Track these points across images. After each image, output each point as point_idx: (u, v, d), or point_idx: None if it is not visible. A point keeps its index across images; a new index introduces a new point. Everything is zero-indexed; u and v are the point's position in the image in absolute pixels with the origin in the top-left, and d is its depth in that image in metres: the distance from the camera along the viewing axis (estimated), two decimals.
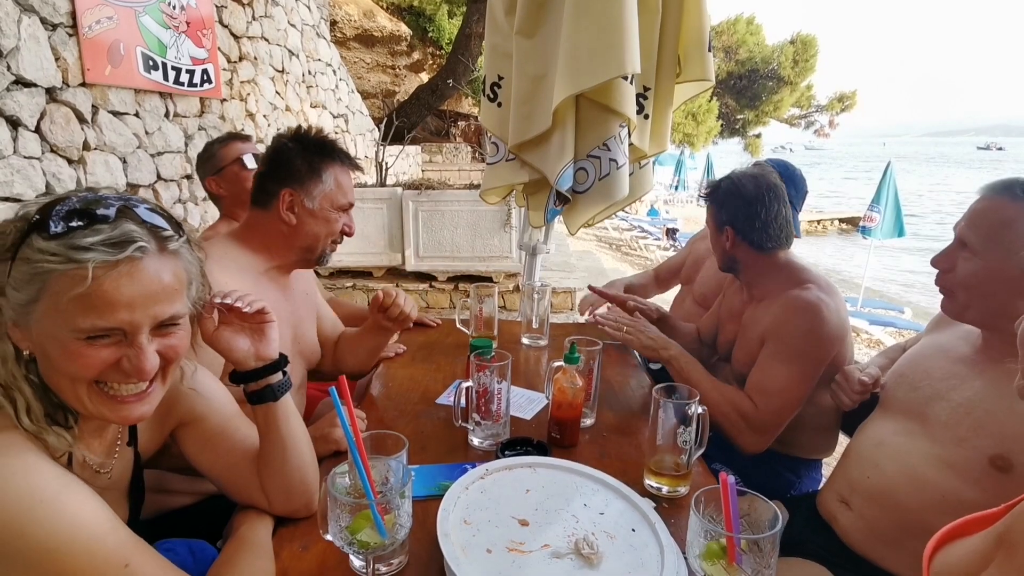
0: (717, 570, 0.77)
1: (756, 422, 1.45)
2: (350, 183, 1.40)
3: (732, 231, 1.58)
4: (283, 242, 1.35)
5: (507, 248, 4.86)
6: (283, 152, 1.33)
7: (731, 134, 22.05)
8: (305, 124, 5.24)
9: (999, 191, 1.11)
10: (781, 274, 1.57)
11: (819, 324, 1.42)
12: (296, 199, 1.31)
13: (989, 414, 1.08)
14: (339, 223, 1.38)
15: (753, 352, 1.55)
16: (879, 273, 11.37)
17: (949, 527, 0.85)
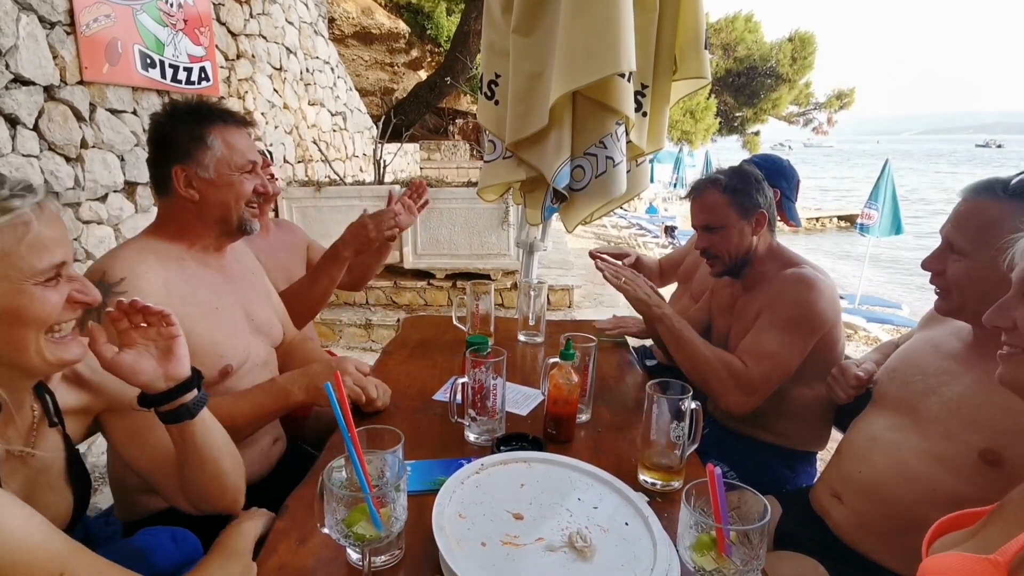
0: (707, 561, 0.78)
1: (744, 381, 1.48)
2: (246, 141, 1.32)
3: (764, 214, 1.58)
4: (195, 221, 1.28)
5: (505, 246, 4.87)
6: (160, 130, 1.26)
7: (729, 132, 22.07)
8: (303, 122, 5.20)
9: (981, 192, 1.12)
10: (776, 260, 1.61)
11: (814, 295, 1.47)
12: (190, 172, 1.24)
13: (980, 409, 1.09)
14: (247, 184, 1.30)
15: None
16: (876, 271, 11.39)
17: (947, 518, 0.88)
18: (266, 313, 1.47)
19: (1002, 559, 0.68)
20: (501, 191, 2.42)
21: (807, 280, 1.48)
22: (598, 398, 1.50)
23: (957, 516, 0.88)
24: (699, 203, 1.63)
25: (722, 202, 1.59)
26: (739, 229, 1.59)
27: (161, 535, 1.09)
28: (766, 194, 1.59)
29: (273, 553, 0.95)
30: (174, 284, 1.21)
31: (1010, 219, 1.06)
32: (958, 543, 0.84)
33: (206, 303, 1.26)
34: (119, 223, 3.06)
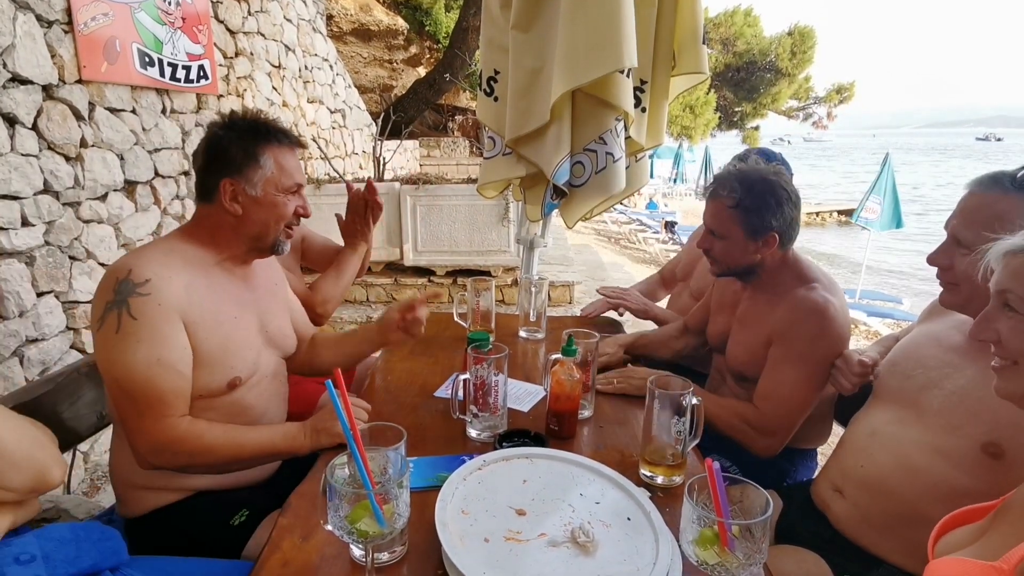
0: (710, 555, 0.78)
1: (762, 427, 1.45)
2: (295, 163, 1.35)
3: (776, 236, 1.46)
4: (231, 233, 1.30)
5: (505, 242, 4.87)
6: (216, 142, 1.28)
7: (729, 127, 22.03)
8: (302, 120, 5.20)
9: (988, 186, 1.11)
10: (788, 271, 1.52)
11: (828, 326, 1.41)
12: (238, 188, 1.26)
13: (981, 402, 1.09)
14: (289, 206, 1.33)
15: (756, 352, 1.52)
16: (877, 265, 11.39)
17: (953, 515, 0.88)
18: (281, 323, 1.47)
19: (1006, 566, 0.68)
20: (501, 188, 2.41)
21: (819, 310, 1.41)
22: (600, 393, 1.50)
23: (963, 512, 0.88)
24: (710, 206, 1.55)
25: (730, 217, 1.48)
26: (743, 246, 1.49)
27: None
28: (784, 214, 1.45)
29: (277, 550, 0.95)
30: (195, 289, 1.22)
31: (1018, 213, 1.06)
32: (963, 543, 0.83)
33: (224, 312, 1.27)
34: (119, 222, 3.05)
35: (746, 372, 1.57)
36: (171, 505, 1.27)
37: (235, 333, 1.28)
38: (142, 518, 1.28)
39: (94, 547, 1.05)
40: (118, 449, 1.30)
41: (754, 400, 1.49)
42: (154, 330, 1.14)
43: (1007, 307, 0.79)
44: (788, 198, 1.46)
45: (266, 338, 1.39)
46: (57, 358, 2.66)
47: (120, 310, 1.13)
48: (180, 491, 1.28)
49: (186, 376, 1.18)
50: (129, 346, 1.12)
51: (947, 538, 0.88)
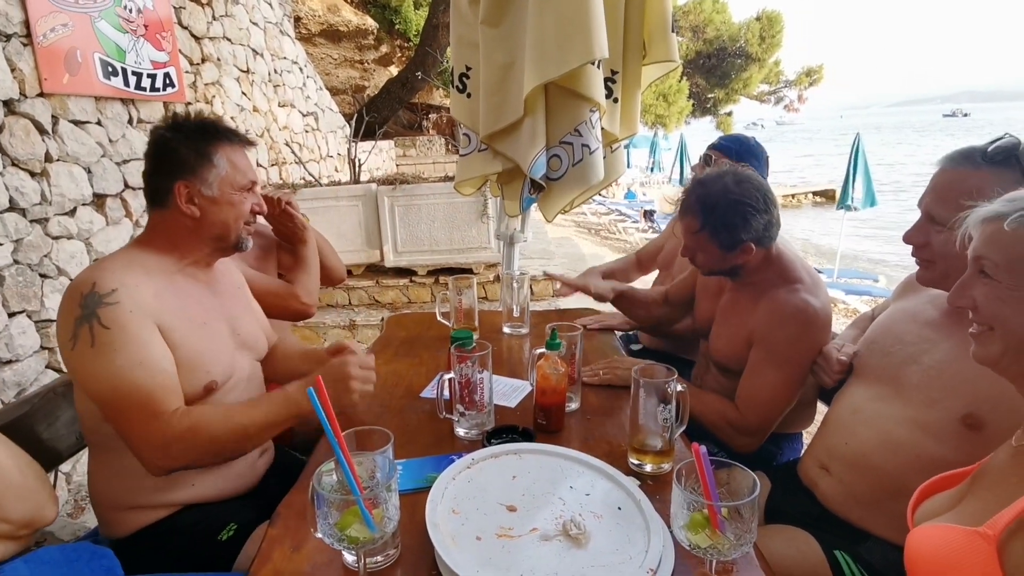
0: (702, 539, 0.79)
1: (743, 428, 1.47)
2: (247, 161, 1.33)
3: (753, 244, 1.44)
4: (191, 236, 1.28)
5: (485, 239, 4.86)
6: (165, 144, 1.25)
7: (703, 113, 22.21)
8: (274, 124, 5.13)
9: (959, 161, 1.12)
10: (771, 268, 1.50)
11: (808, 330, 1.41)
12: (193, 190, 1.24)
13: (959, 375, 1.10)
14: (246, 204, 1.32)
15: (737, 348, 1.53)
16: (853, 243, 11.56)
17: (930, 482, 0.90)
18: (252, 327, 1.46)
19: (991, 532, 0.69)
20: (478, 184, 2.40)
21: (800, 314, 1.41)
22: (586, 385, 1.51)
23: (939, 479, 0.90)
24: (683, 222, 1.52)
25: (701, 239, 1.47)
26: (721, 257, 1.48)
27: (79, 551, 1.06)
28: (754, 226, 1.41)
29: (267, 562, 0.94)
30: (164, 296, 1.20)
31: (990, 187, 1.07)
32: (942, 509, 0.85)
33: (195, 318, 1.25)
34: (90, 237, 2.99)
35: (728, 365, 1.59)
36: (156, 523, 1.25)
37: (208, 337, 1.26)
38: (128, 539, 1.25)
39: (87, 567, 1.04)
40: (96, 471, 1.28)
41: (736, 400, 1.50)
42: (129, 336, 1.12)
43: (983, 273, 0.80)
44: (756, 210, 1.41)
45: (238, 341, 1.37)
46: (33, 378, 2.60)
47: (91, 323, 1.10)
48: (165, 507, 1.26)
49: (171, 373, 1.17)
50: (107, 356, 1.10)
51: (925, 505, 0.89)
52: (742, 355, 1.51)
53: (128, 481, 1.23)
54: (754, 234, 1.43)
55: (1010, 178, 1.05)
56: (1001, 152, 1.07)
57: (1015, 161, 1.06)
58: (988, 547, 0.68)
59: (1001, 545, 0.68)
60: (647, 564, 0.86)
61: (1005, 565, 0.66)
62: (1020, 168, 1.06)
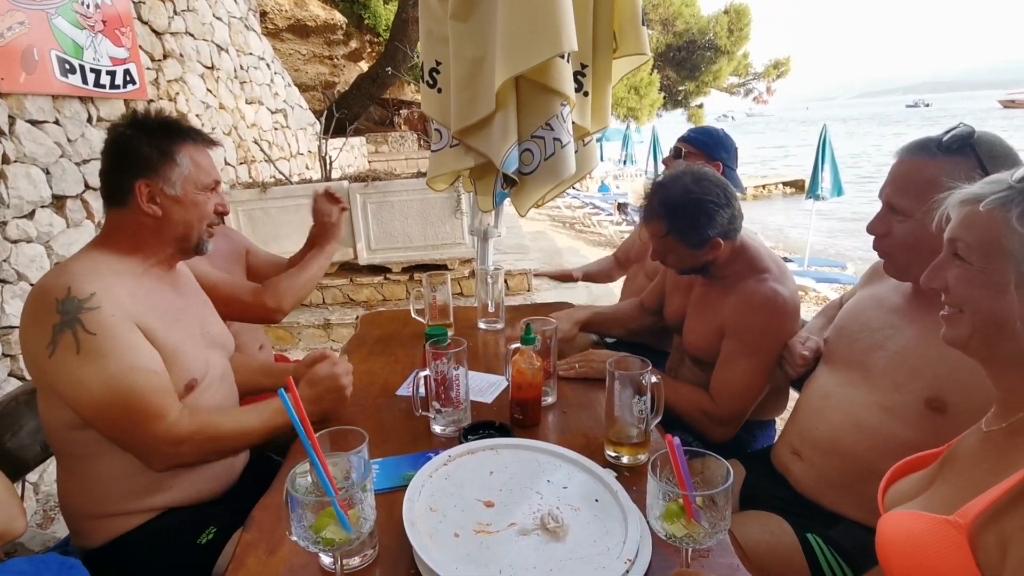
0: (678, 528, 0.80)
1: (718, 418, 1.50)
2: (210, 160, 1.32)
3: (720, 239, 1.47)
4: (154, 237, 1.25)
5: (459, 234, 4.85)
6: (125, 142, 1.22)
7: (674, 106, 22.43)
8: (242, 122, 5.02)
9: (916, 152, 1.14)
10: (739, 260, 1.54)
11: (777, 319, 1.45)
12: (155, 189, 1.21)
13: (924, 359, 1.13)
14: (209, 204, 1.30)
15: (710, 340, 1.56)
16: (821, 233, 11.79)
17: (899, 464, 0.91)
18: (219, 325, 1.45)
19: (963, 521, 0.70)
20: (451, 180, 2.39)
21: (768, 303, 1.44)
22: (562, 379, 1.51)
23: (908, 462, 0.92)
24: (648, 229, 1.55)
25: (668, 242, 1.51)
26: (691, 255, 1.51)
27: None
28: (719, 222, 1.44)
29: (241, 566, 0.92)
30: (138, 297, 1.18)
31: (946, 175, 1.09)
32: (912, 493, 0.87)
33: (168, 315, 1.24)
34: (50, 240, 2.90)
35: (702, 357, 1.61)
36: (133, 531, 1.22)
37: (184, 336, 1.25)
38: (102, 548, 1.22)
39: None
40: (65, 481, 1.24)
41: (710, 390, 1.52)
42: (117, 340, 1.10)
43: (956, 256, 0.81)
44: (718, 205, 1.44)
45: (208, 340, 1.36)
46: None
47: (74, 329, 1.08)
48: (141, 513, 1.23)
49: (164, 375, 1.16)
50: (98, 362, 1.08)
51: (896, 487, 0.91)
52: (716, 347, 1.54)
53: (100, 489, 1.20)
54: (720, 229, 1.46)
55: (965, 165, 1.08)
56: (956, 141, 1.10)
57: (970, 149, 1.09)
58: (959, 536, 0.69)
59: (973, 535, 0.69)
60: (625, 554, 0.87)
61: (977, 554, 0.67)
62: (975, 156, 1.08)
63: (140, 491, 1.21)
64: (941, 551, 0.70)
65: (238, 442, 1.27)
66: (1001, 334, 0.75)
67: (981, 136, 1.10)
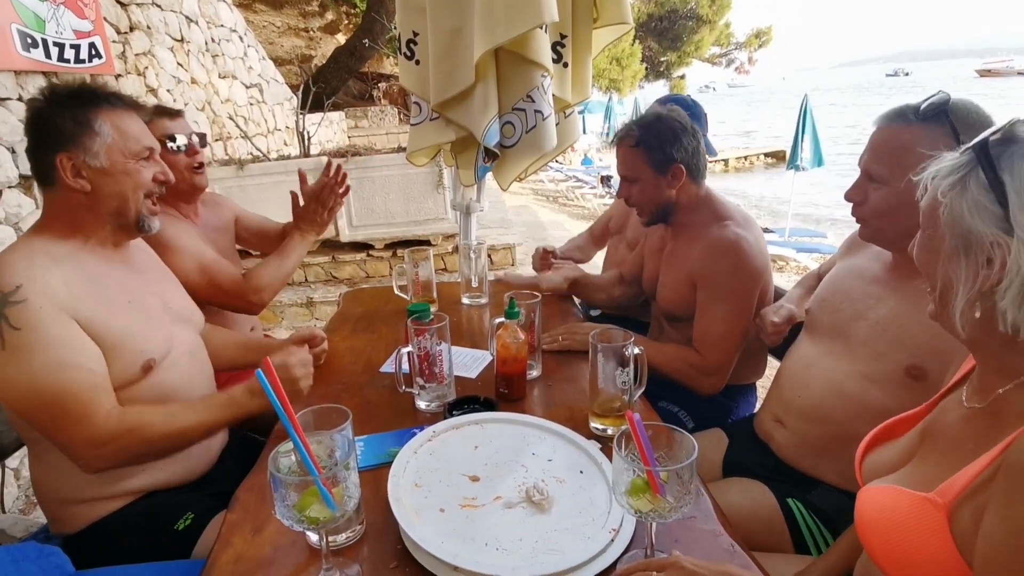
0: (643, 503, 0.79)
1: (705, 369, 1.53)
2: (139, 126, 1.23)
3: (683, 168, 1.55)
4: (87, 214, 1.18)
5: (442, 209, 4.80)
6: (39, 116, 1.15)
7: (656, 77, 22.27)
8: (216, 97, 4.87)
9: (893, 119, 1.15)
10: (703, 209, 1.60)
11: (743, 260, 1.49)
12: (77, 161, 1.14)
13: (903, 329, 1.15)
14: (144, 173, 1.22)
15: (680, 292, 1.60)
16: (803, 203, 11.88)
17: (876, 430, 0.92)
18: (184, 299, 1.40)
19: (942, 500, 0.70)
20: (431, 154, 2.36)
21: (733, 246, 1.49)
22: (546, 352, 1.51)
23: (884, 428, 0.93)
24: (619, 154, 1.64)
25: (636, 156, 1.58)
26: (654, 183, 1.58)
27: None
28: (685, 147, 1.55)
29: (227, 546, 0.92)
30: (75, 283, 1.12)
31: (923, 143, 1.10)
32: (890, 464, 0.87)
33: (116, 298, 1.18)
34: (19, 221, 2.82)
35: (675, 312, 1.64)
36: (110, 516, 1.20)
37: (137, 316, 1.20)
38: (79, 534, 1.20)
39: (35, 565, 1.00)
40: (37, 467, 1.22)
41: (694, 344, 1.55)
42: (43, 335, 1.05)
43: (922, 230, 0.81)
44: (684, 129, 1.55)
45: (172, 315, 1.31)
46: None
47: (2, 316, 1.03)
48: (117, 498, 1.21)
49: (98, 372, 1.10)
50: (23, 359, 1.03)
51: (873, 457, 0.92)
52: (687, 298, 1.58)
53: (73, 474, 1.17)
54: (684, 155, 1.55)
55: (940, 133, 1.08)
56: (932, 108, 1.10)
57: (945, 117, 1.09)
58: (938, 515, 0.70)
59: (951, 513, 0.69)
60: (609, 524, 0.88)
61: (954, 532, 0.68)
62: (949, 123, 1.09)
63: (113, 476, 1.18)
64: (920, 529, 0.71)
65: (174, 442, 1.19)
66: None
67: (956, 103, 1.10)
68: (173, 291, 1.38)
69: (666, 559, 0.80)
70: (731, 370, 1.55)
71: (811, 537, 1.20)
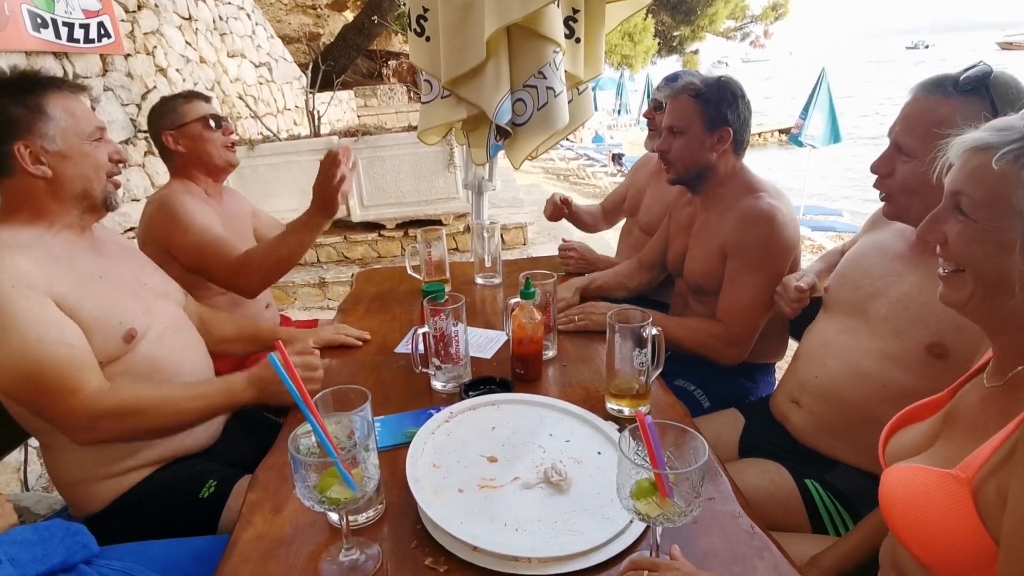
0: (651, 507, 0.75)
1: (729, 339, 1.53)
2: (84, 108, 1.22)
3: (731, 132, 1.54)
4: (53, 200, 1.17)
5: (453, 189, 4.78)
6: None
7: (669, 52, 21.87)
8: (225, 76, 4.85)
9: (931, 90, 1.10)
10: (736, 182, 1.58)
11: (776, 231, 1.47)
12: (35, 147, 1.13)
13: (926, 306, 1.12)
14: (100, 153, 1.21)
15: (711, 264, 1.58)
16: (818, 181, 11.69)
17: (900, 415, 0.90)
18: (159, 276, 1.39)
19: (964, 475, 0.70)
20: (443, 132, 2.33)
21: (767, 216, 1.47)
22: (561, 333, 1.51)
23: (909, 412, 0.91)
24: (672, 104, 1.61)
25: (691, 108, 1.55)
26: (700, 140, 1.55)
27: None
28: (739, 113, 1.55)
29: (249, 525, 0.93)
30: (46, 264, 1.12)
31: (958, 117, 1.05)
32: (914, 447, 0.86)
33: (87, 274, 1.17)
34: None
35: (703, 284, 1.62)
36: (129, 492, 1.22)
37: (110, 288, 1.20)
38: (101, 513, 1.22)
39: (60, 544, 1.01)
40: (47, 455, 1.23)
41: (718, 314, 1.55)
42: (18, 312, 1.05)
43: (958, 210, 0.77)
44: (741, 96, 1.55)
45: (148, 291, 1.31)
46: None
47: None
48: (129, 472, 1.22)
49: (77, 347, 1.10)
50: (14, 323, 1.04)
51: (896, 440, 0.90)
52: (717, 270, 1.57)
53: (81, 456, 1.19)
54: (736, 121, 1.54)
55: (978, 108, 1.04)
56: (971, 82, 1.06)
57: (984, 91, 1.05)
58: (962, 489, 0.69)
59: (975, 488, 0.69)
60: None
61: (979, 507, 0.68)
62: (989, 98, 1.05)
63: (117, 452, 1.20)
64: (943, 504, 0.70)
65: (168, 422, 1.21)
66: (1000, 294, 0.73)
67: (998, 77, 1.05)
68: (144, 268, 1.37)
69: (663, 562, 0.77)
70: (754, 341, 1.54)
71: (829, 517, 1.19)
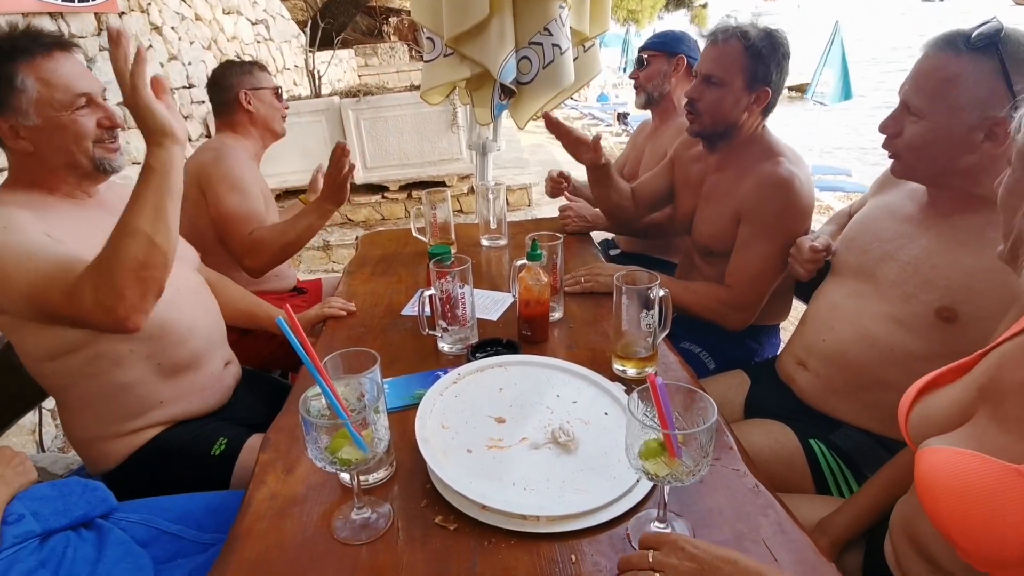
0: (659, 467, 0.75)
1: (735, 304, 1.52)
2: (68, 70, 1.13)
3: (769, 93, 1.48)
4: (43, 170, 1.15)
5: (457, 149, 4.72)
6: None
7: (676, 6, 21.26)
8: (221, 35, 4.71)
9: (942, 47, 1.07)
10: (757, 144, 1.54)
11: (794, 199, 1.43)
12: (14, 123, 1.09)
13: (935, 269, 1.11)
14: (83, 123, 1.13)
15: (724, 227, 1.55)
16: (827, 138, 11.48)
17: (922, 382, 0.84)
18: None
19: None
20: (446, 92, 2.29)
21: (786, 183, 1.42)
22: (568, 294, 1.50)
23: (930, 380, 0.84)
24: (715, 49, 1.49)
25: (738, 59, 1.45)
26: (736, 96, 1.48)
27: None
28: (782, 72, 1.48)
29: (262, 484, 0.95)
30: (55, 224, 1.11)
31: (971, 76, 1.03)
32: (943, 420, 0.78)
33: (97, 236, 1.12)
34: None
35: (713, 246, 1.60)
36: (142, 448, 1.25)
37: None
38: (116, 471, 1.25)
39: (80, 499, 1.04)
40: (63, 413, 1.26)
41: (726, 279, 1.54)
42: (16, 237, 1.04)
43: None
44: (788, 57, 1.49)
45: None
46: None
47: None
48: (142, 430, 1.25)
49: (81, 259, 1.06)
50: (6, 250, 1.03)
51: (921, 409, 0.83)
52: (729, 233, 1.54)
53: (90, 413, 1.21)
54: (777, 81, 1.48)
55: (988, 68, 1.01)
56: (982, 39, 1.02)
57: (995, 49, 1.01)
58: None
59: None
60: None
61: None
62: (999, 56, 1.01)
63: (129, 411, 1.22)
64: (1008, 502, 0.64)
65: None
66: None
67: (1009, 34, 1.01)
68: None
69: (668, 536, 0.75)
70: (761, 306, 1.54)
71: (832, 478, 1.21)
